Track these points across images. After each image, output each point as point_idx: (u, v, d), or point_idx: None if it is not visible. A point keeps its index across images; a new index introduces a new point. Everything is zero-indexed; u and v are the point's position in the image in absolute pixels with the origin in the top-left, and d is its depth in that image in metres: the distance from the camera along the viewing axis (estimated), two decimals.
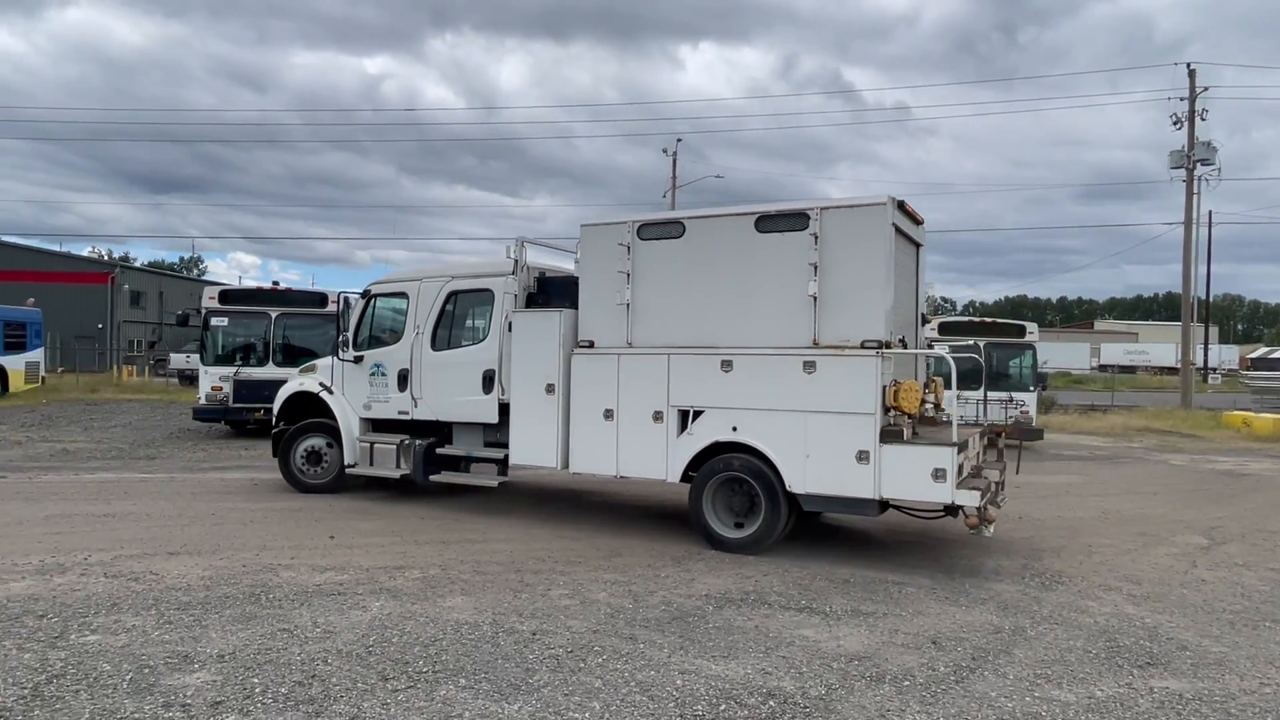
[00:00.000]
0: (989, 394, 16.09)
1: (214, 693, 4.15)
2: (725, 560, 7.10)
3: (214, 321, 16.24)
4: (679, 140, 40.76)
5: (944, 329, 16.86)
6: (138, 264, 65.56)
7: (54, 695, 4.10)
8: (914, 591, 6.37)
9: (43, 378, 27.05)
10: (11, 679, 4.29)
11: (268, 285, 17.26)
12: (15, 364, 25.24)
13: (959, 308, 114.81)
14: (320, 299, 16.54)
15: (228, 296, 16.61)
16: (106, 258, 63.49)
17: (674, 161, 38.97)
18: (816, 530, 8.46)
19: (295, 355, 15.95)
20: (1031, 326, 17.50)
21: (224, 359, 16.31)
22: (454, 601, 5.75)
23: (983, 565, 7.23)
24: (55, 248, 51.40)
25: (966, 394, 12.62)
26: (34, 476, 11.22)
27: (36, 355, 26.46)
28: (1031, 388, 16.92)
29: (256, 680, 4.31)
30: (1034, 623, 5.69)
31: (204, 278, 69.68)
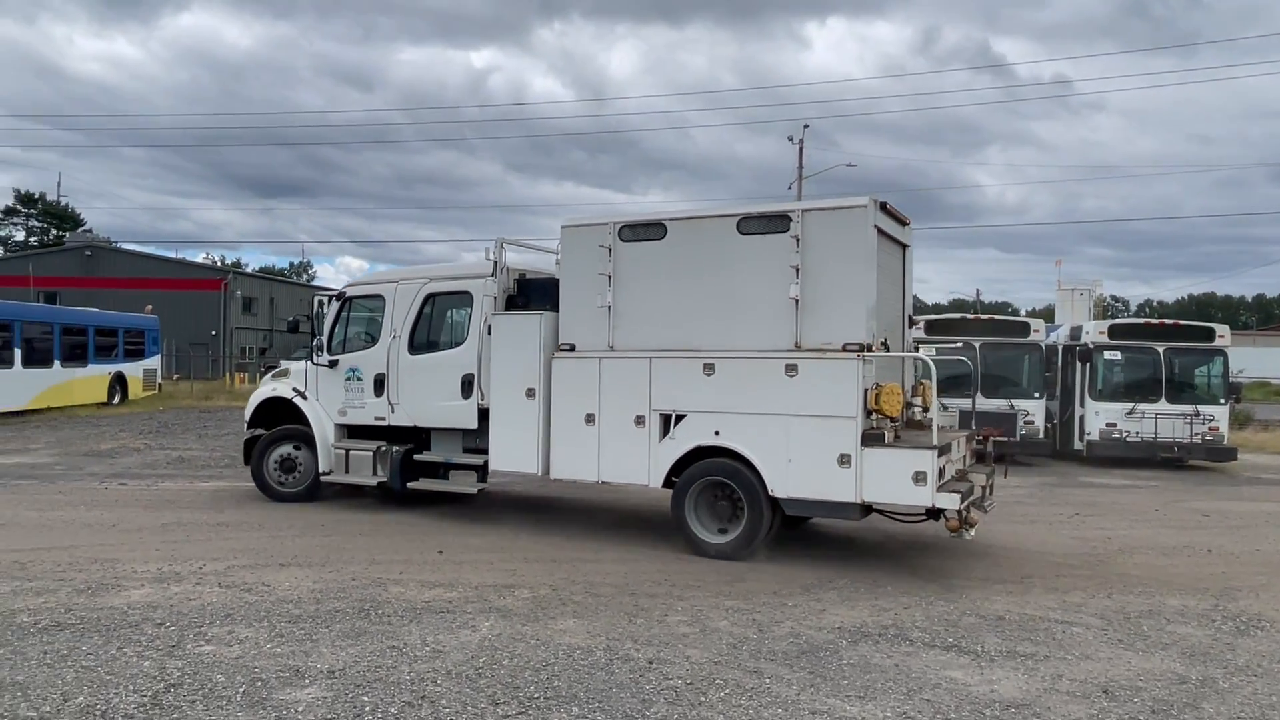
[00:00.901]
0: (1169, 406, 15.08)
1: (325, 709, 4.17)
2: (860, 590, 6.63)
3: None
4: (806, 126, 37.33)
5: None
6: (249, 269, 65.47)
7: (172, 704, 4.21)
8: (1081, 632, 5.76)
9: (159, 385, 27.67)
10: (132, 686, 4.41)
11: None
12: (134, 371, 25.79)
13: (1133, 308, 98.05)
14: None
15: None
16: (219, 264, 63.15)
17: (800, 150, 36.01)
18: (963, 559, 7.82)
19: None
20: (1222, 329, 15.77)
21: None
22: (566, 624, 5.61)
23: (1164, 604, 6.52)
24: (171, 254, 52.31)
25: (954, 401, 12.38)
26: (151, 484, 11.57)
27: (154, 362, 27.22)
28: (1222, 400, 15.32)
29: (366, 699, 4.32)
30: (1227, 673, 5.07)
31: (313, 283, 69.37)
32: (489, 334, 8.67)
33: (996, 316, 17.06)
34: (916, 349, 8.64)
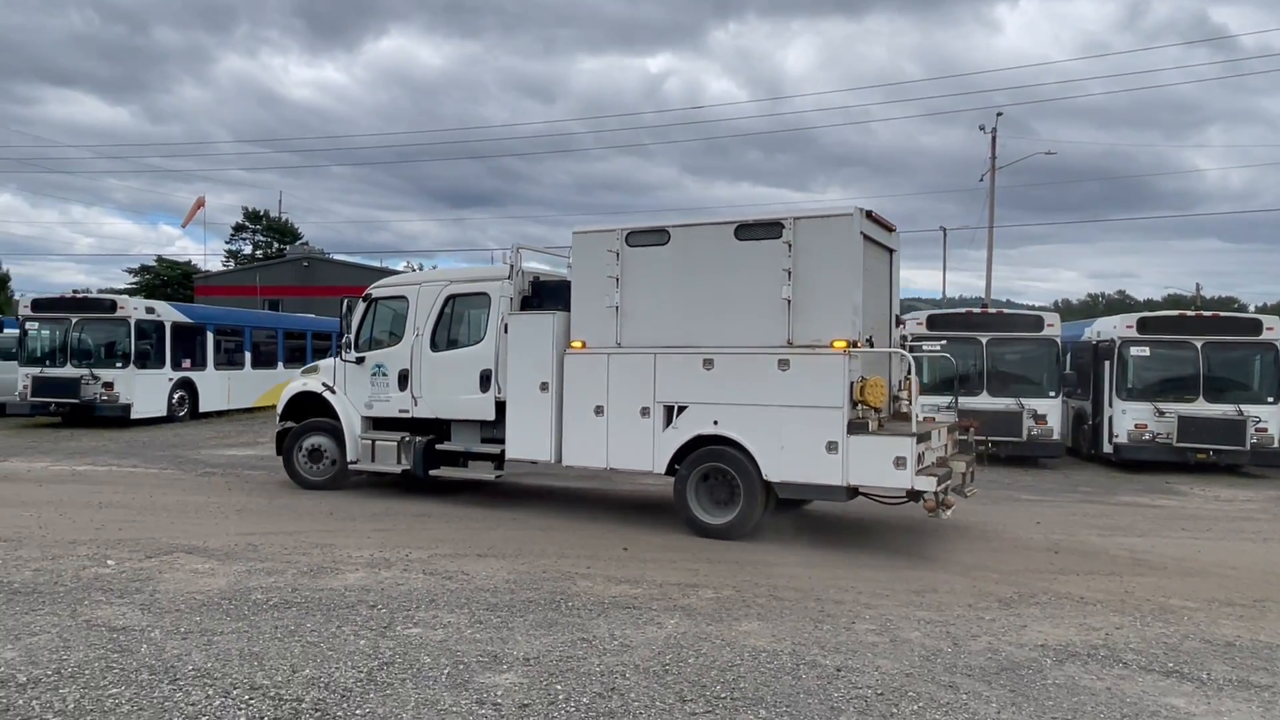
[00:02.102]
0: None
1: (521, 695, 4.44)
2: (1064, 607, 6.37)
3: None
4: (999, 114, 35.84)
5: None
6: None
7: (385, 681, 4.59)
8: None
9: None
10: (350, 662, 4.86)
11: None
12: None
13: None
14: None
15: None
16: (418, 270, 66.01)
17: (993, 139, 35.20)
18: (1184, 579, 7.38)
19: None
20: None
21: None
22: (750, 626, 5.67)
23: None
24: (375, 263, 55.09)
25: (934, 399, 12.20)
26: (360, 476, 11.71)
27: None
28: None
29: (559, 687, 4.55)
30: None
31: None
32: (505, 332, 9.55)
33: (1222, 314, 15.52)
34: (903, 346, 9.42)
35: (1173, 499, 12.14)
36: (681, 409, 8.49)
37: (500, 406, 9.68)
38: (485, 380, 9.87)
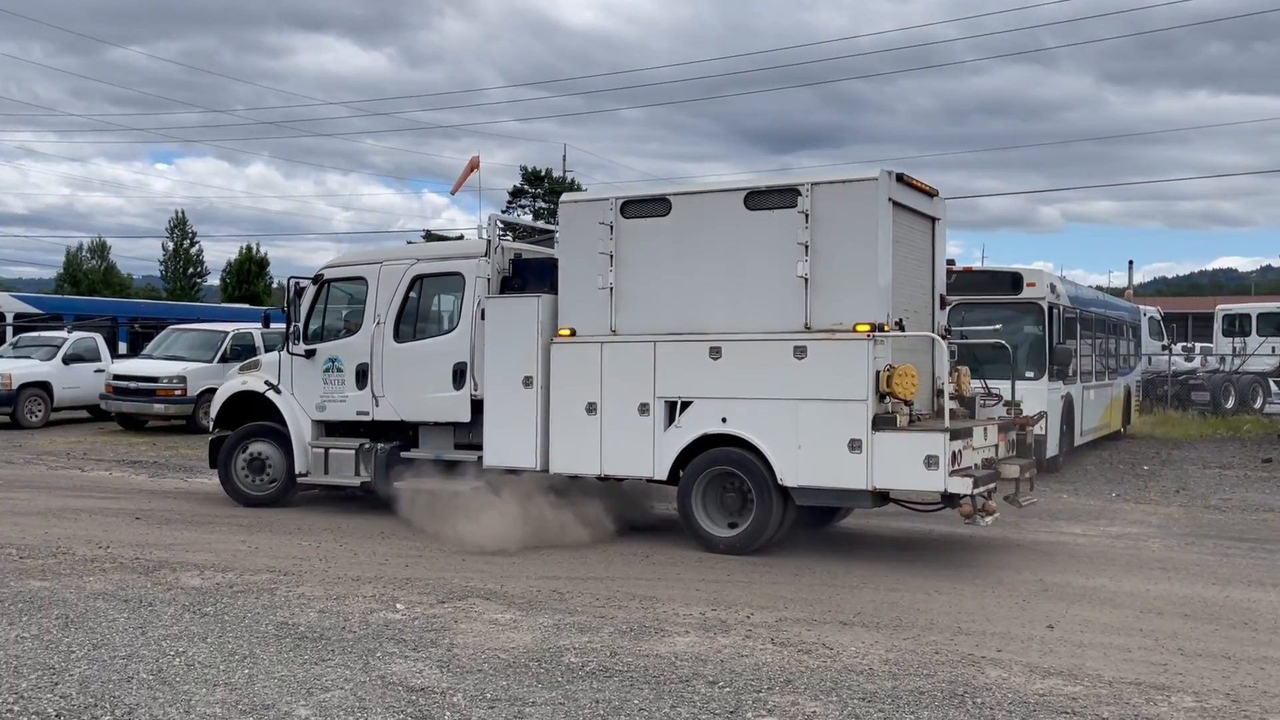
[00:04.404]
0: None
1: None
2: None
3: None
4: None
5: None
6: None
7: None
8: None
9: None
10: None
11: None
12: None
13: None
14: (1011, 280, 16.28)
15: None
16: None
17: None
18: None
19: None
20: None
21: None
22: None
23: None
24: None
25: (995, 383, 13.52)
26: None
27: None
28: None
29: None
30: None
31: None
32: (482, 319, 11.03)
33: None
34: (946, 331, 10.89)
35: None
36: (685, 405, 9.96)
37: (477, 406, 11.13)
38: (459, 375, 11.35)
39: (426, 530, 10.68)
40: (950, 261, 16.79)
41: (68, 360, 24.23)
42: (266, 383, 12.67)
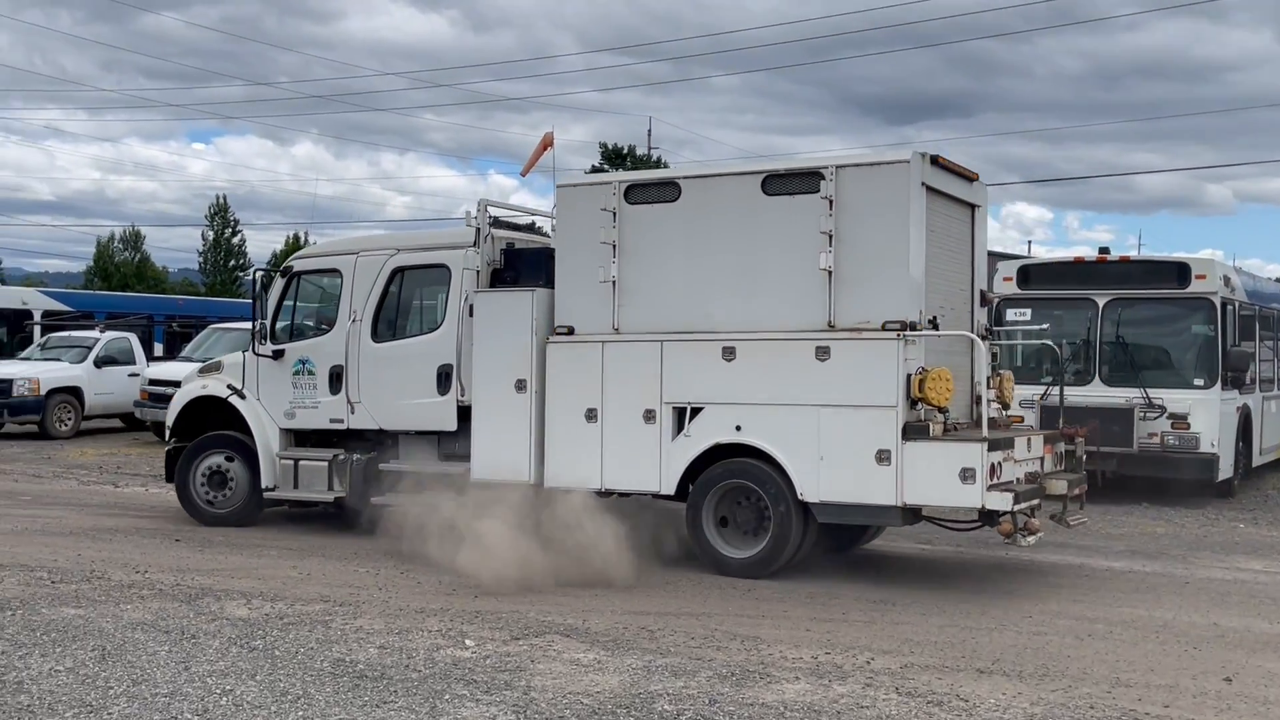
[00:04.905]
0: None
1: None
2: None
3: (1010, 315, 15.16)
4: None
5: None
6: None
7: None
8: None
9: None
10: None
11: (1087, 253, 16.72)
12: None
13: None
14: (1176, 272, 15.26)
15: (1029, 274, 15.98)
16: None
17: None
18: None
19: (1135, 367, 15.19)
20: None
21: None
22: None
23: None
24: None
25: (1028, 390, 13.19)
26: None
27: None
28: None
29: None
30: None
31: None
32: (470, 315, 10.67)
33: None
34: (988, 330, 10.58)
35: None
36: (695, 411, 9.61)
37: (464, 413, 10.78)
38: (444, 379, 11.00)
39: (432, 560, 9.96)
40: (1104, 250, 16.72)
41: (100, 363, 23.73)
42: (229, 387, 12.32)
